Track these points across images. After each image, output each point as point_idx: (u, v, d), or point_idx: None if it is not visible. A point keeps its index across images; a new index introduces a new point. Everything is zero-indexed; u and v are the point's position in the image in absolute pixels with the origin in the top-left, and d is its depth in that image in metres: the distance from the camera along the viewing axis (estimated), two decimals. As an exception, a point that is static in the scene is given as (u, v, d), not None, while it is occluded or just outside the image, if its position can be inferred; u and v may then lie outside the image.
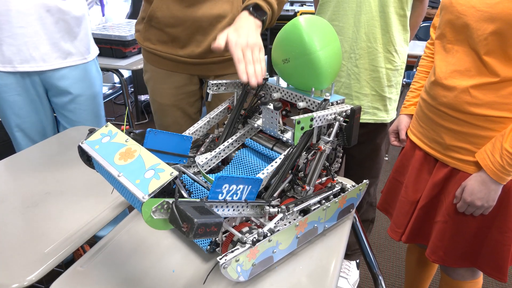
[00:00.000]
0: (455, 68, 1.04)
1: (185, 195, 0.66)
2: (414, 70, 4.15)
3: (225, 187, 0.71)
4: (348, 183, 1.00)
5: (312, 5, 3.90)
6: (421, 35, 4.21)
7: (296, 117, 0.79)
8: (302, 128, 0.81)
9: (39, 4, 1.38)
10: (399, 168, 1.30)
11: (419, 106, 1.20)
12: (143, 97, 3.93)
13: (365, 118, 1.46)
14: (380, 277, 1.23)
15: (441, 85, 1.07)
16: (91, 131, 0.80)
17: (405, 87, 2.84)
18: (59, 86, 1.54)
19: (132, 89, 3.49)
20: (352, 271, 1.86)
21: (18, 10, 1.36)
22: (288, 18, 3.63)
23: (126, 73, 3.82)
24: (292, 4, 3.98)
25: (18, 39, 1.40)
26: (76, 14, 1.49)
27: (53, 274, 0.83)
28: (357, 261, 1.91)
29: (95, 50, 1.68)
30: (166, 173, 0.64)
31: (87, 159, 0.80)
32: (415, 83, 1.30)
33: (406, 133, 1.29)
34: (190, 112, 1.49)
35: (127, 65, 2.45)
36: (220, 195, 0.70)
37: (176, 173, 0.63)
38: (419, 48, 3.17)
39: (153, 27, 1.34)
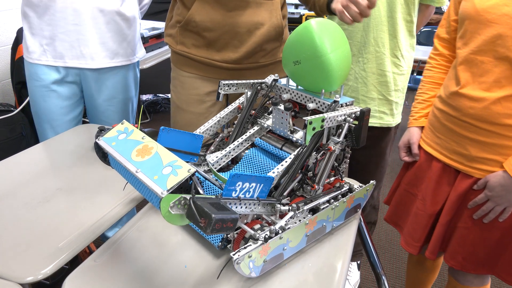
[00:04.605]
0: (482, 79, 1.02)
1: (201, 191, 0.68)
2: (414, 74, 4.18)
3: (239, 185, 0.72)
4: (355, 183, 1.02)
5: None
6: (422, 39, 4.24)
7: (308, 118, 0.81)
8: (314, 129, 0.83)
9: (94, 4, 1.43)
10: (413, 181, 1.26)
11: (434, 117, 1.17)
12: (144, 97, 3.94)
13: (371, 122, 1.47)
14: (383, 277, 1.24)
15: (466, 96, 1.05)
16: (102, 129, 0.81)
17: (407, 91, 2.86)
18: (97, 85, 1.55)
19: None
20: (353, 272, 1.88)
21: (74, 8, 1.41)
22: (294, 20, 3.63)
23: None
24: (297, 7, 3.99)
25: (71, 35, 1.44)
26: (127, 17, 1.53)
27: (57, 271, 0.83)
28: (358, 262, 1.92)
29: (141, 53, 1.69)
30: (183, 169, 0.66)
31: (103, 156, 0.81)
32: (423, 94, 1.27)
33: (419, 146, 1.25)
34: (208, 118, 1.48)
35: (133, 64, 2.46)
36: (234, 192, 0.72)
37: (193, 169, 0.65)
38: (419, 52, 3.19)
39: (189, 31, 1.33)
